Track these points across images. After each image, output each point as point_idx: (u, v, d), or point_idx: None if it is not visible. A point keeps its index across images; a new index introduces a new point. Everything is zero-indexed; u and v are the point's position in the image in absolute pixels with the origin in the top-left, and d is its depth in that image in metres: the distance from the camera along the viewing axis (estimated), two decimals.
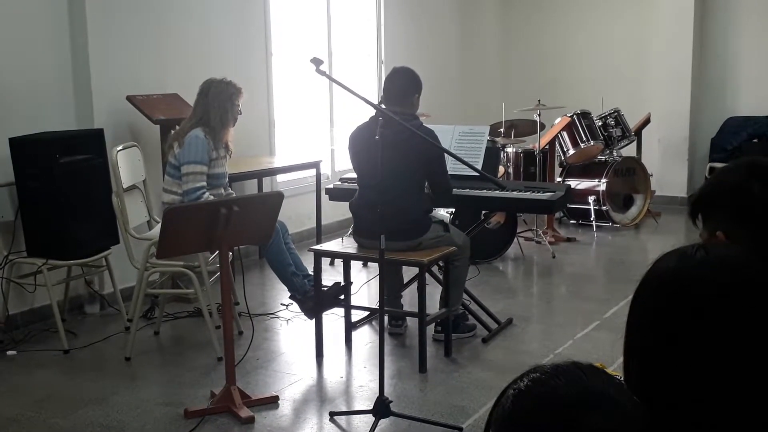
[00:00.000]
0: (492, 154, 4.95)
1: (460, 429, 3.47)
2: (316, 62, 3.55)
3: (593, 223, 7.29)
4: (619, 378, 1.09)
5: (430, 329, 4.45)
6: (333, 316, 4.79)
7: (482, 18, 9.29)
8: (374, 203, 3.61)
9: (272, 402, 3.76)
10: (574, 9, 9.04)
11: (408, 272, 4.80)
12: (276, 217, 3.94)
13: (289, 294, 4.69)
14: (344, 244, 4.50)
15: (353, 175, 4.60)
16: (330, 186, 5.28)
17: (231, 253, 4.37)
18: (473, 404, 3.72)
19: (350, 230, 4.80)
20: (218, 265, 3.85)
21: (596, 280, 6.06)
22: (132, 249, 4.49)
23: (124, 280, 5.00)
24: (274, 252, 4.58)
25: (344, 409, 3.74)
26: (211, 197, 4.38)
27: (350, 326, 4.63)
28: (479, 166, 4.50)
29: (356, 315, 4.78)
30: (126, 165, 4.54)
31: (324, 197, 5.62)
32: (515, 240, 6.44)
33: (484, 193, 4.60)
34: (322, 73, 3.59)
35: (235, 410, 3.58)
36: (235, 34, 6.21)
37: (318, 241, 6.09)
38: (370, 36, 7.95)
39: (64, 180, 4.45)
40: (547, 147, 7.07)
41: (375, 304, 4.57)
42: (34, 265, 4.46)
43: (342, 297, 4.52)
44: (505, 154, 6.84)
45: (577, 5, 9.03)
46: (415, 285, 4.40)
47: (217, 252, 3.78)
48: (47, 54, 4.95)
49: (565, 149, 7.33)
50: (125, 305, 4.82)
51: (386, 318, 4.49)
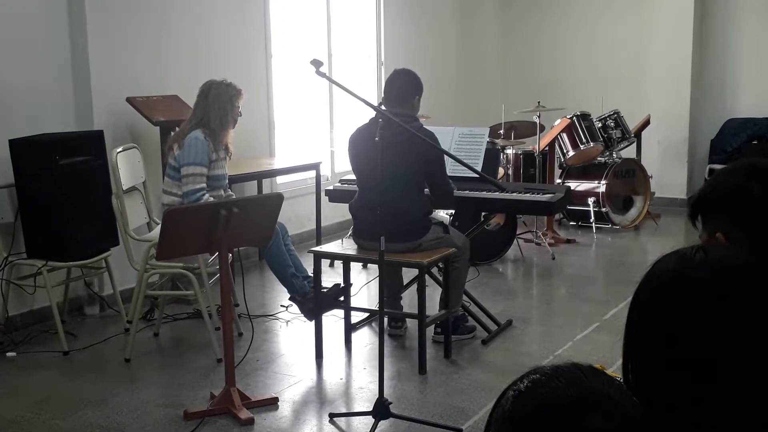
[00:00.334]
0: (492, 156, 4.95)
1: (460, 430, 3.47)
2: (316, 64, 3.55)
3: (593, 225, 7.30)
4: (619, 379, 1.09)
5: (430, 331, 4.45)
6: (333, 318, 4.79)
7: (482, 19, 9.30)
8: (374, 205, 3.61)
9: (272, 403, 3.76)
10: (574, 10, 9.05)
11: (408, 274, 4.80)
12: (276, 219, 3.94)
13: (289, 295, 4.70)
14: (344, 246, 4.50)
15: (353, 177, 4.60)
16: (330, 187, 5.28)
17: (231, 255, 4.36)
18: (473, 406, 3.72)
19: (350, 232, 4.80)
20: (218, 267, 3.85)
21: (596, 282, 6.06)
22: (132, 250, 4.49)
23: (124, 282, 5.00)
24: (274, 253, 4.58)
25: (344, 411, 3.74)
26: (211, 199, 4.39)
27: (350, 328, 4.62)
28: (479, 168, 4.50)
29: (356, 316, 4.78)
30: (126, 166, 4.54)
31: (324, 199, 5.62)
32: (515, 241, 6.44)
33: (484, 195, 4.60)
34: (322, 75, 3.59)
35: (235, 412, 3.57)
36: (235, 36, 6.21)
37: (318, 243, 6.09)
38: (370, 37, 7.95)
39: (64, 181, 4.45)
40: (547, 148, 7.07)
41: (375, 306, 4.58)
42: (34, 267, 4.46)
43: (342, 298, 4.51)
44: (505, 156, 6.84)
45: (577, 6, 9.04)
46: (415, 286, 4.39)
47: (217, 253, 3.78)
48: (47, 55, 4.95)
49: (565, 151, 7.33)
50: (125, 307, 4.82)
51: (386, 319, 4.49)
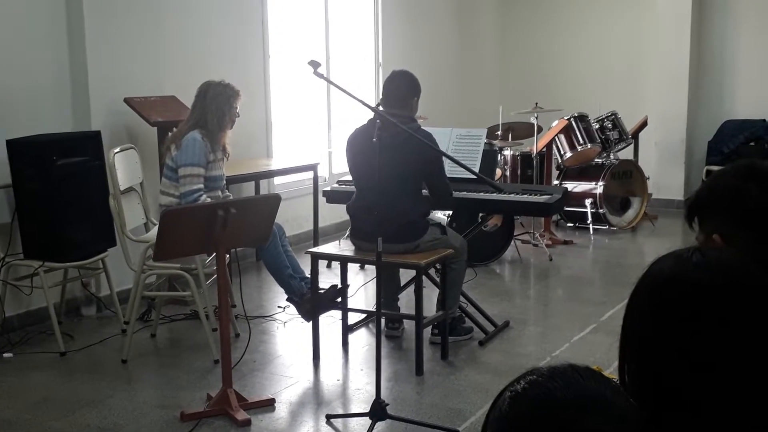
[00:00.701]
0: (489, 157, 4.96)
1: (457, 431, 3.47)
2: (314, 65, 3.55)
3: (590, 226, 7.30)
4: (616, 380, 1.10)
5: (427, 332, 4.45)
6: (330, 319, 4.79)
7: (480, 21, 9.31)
8: (372, 206, 3.61)
9: (269, 405, 3.75)
10: (572, 12, 9.06)
11: (405, 275, 4.80)
12: (273, 220, 3.94)
13: (286, 296, 4.69)
14: (341, 247, 4.50)
15: (350, 178, 4.60)
16: (327, 188, 5.28)
17: (228, 256, 4.36)
18: (470, 407, 3.72)
19: (347, 233, 4.80)
20: (215, 268, 3.85)
21: (593, 283, 6.06)
22: (129, 251, 4.48)
23: (121, 283, 4.99)
24: (271, 254, 4.58)
25: (341, 412, 3.74)
26: (209, 199, 4.38)
27: (347, 329, 4.62)
28: (477, 169, 4.50)
29: (353, 317, 4.77)
30: (123, 167, 4.54)
31: (321, 200, 5.62)
32: (512, 243, 6.44)
33: (482, 196, 4.60)
34: (320, 76, 3.60)
35: (232, 413, 3.57)
36: (233, 37, 6.21)
37: (315, 244, 6.09)
38: (368, 39, 7.95)
39: (62, 182, 4.44)
40: (545, 150, 7.08)
41: (372, 307, 4.58)
42: (31, 267, 4.45)
43: (339, 299, 4.51)
44: (503, 157, 6.84)
45: (574, 8, 9.05)
46: (412, 287, 4.39)
47: (214, 254, 3.78)
48: (45, 56, 4.94)
49: (562, 152, 7.34)
50: (122, 308, 4.82)
51: (383, 321, 4.49)
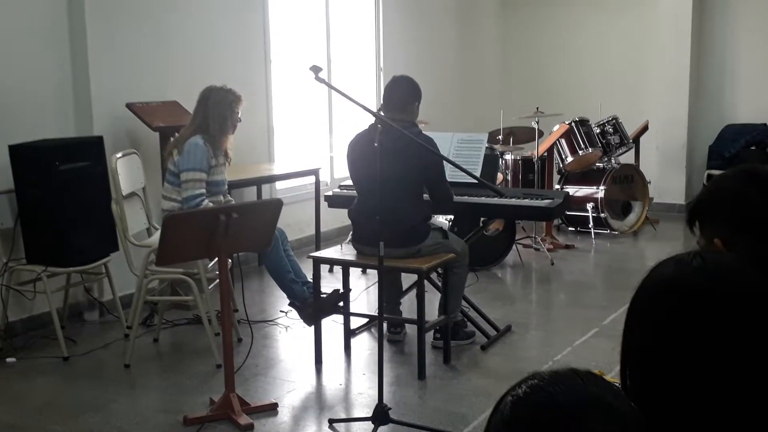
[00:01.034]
0: (490, 162, 4.97)
1: None
2: (315, 70, 3.56)
3: (591, 231, 7.30)
4: (618, 385, 1.10)
5: (429, 336, 4.46)
6: (332, 323, 4.78)
7: (481, 26, 9.32)
8: (373, 210, 3.62)
9: (271, 409, 3.76)
10: (573, 17, 9.07)
11: (407, 279, 4.80)
12: (275, 224, 3.95)
13: (288, 301, 4.70)
14: (343, 251, 4.50)
15: (352, 183, 4.61)
16: (329, 193, 5.29)
17: (230, 260, 4.37)
18: (472, 411, 3.72)
19: (349, 237, 4.81)
20: (217, 272, 3.85)
21: (595, 287, 6.07)
22: (131, 256, 4.49)
23: (124, 288, 5.00)
24: (273, 259, 4.58)
25: (343, 416, 3.74)
26: (211, 204, 4.39)
27: (349, 333, 4.63)
28: (478, 174, 4.51)
29: (355, 322, 4.78)
30: (125, 172, 4.55)
31: (323, 204, 5.62)
32: (514, 247, 6.44)
33: (483, 200, 4.60)
34: (322, 81, 3.61)
35: (234, 417, 3.58)
36: (235, 42, 6.23)
37: (317, 248, 6.09)
38: (369, 44, 7.97)
39: (64, 187, 4.45)
40: (546, 154, 7.08)
41: (374, 311, 4.58)
42: (34, 272, 4.46)
43: (341, 304, 4.52)
44: (504, 162, 6.85)
45: (575, 13, 9.06)
46: (414, 292, 4.40)
47: (217, 259, 3.79)
48: (47, 62, 4.96)
49: (564, 156, 7.34)
50: (124, 312, 4.82)
51: (385, 325, 4.49)
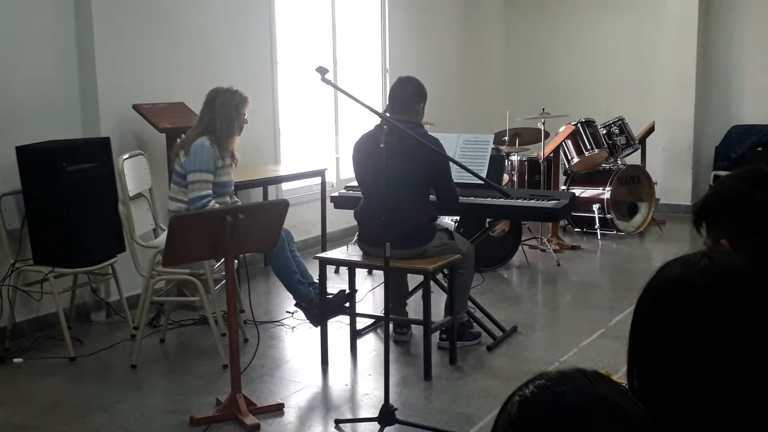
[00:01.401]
0: (496, 163, 4.97)
1: None
2: (322, 71, 3.56)
3: (598, 231, 7.29)
4: (624, 385, 1.10)
5: (435, 337, 4.46)
6: (338, 324, 4.79)
7: (486, 27, 9.32)
8: (379, 211, 3.62)
9: (277, 409, 3.76)
10: (579, 17, 9.06)
11: (413, 280, 4.81)
12: (281, 225, 3.95)
13: (295, 302, 4.71)
14: (349, 252, 4.51)
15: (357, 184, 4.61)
16: (335, 194, 5.29)
17: (236, 261, 4.38)
18: (478, 412, 3.73)
19: (355, 238, 4.81)
20: (224, 273, 3.86)
21: (601, 288, 6.06)
22: (138, 257, 4.51)
23: (130, 288, 5.01)
24: (280, 260, 4.59)
25: (349, 417, 3.74)
26: (217, 205, 4.40)
27: (355, 334, 4.63)
28: (484, 174, 4.51)
29: (361, 323, 4.78)
30: (132, 173, 4.56)
31: (329, 205, 5.63)
32: (520, 248, 6.44)
33: (489, 201, 4.60)
34: (328, 82, 3.61)
35: (241, 418, 3.58)
36: (241, 43, 6.24)
37: (323, 249, 6.10)
38: (375, 45, 7.97)
39: (71, 188, 4.47)
40: (552, 155, 7.08)
41: (380, 312, 4.58)
42: (41, 273, 4.48)
43: (347, 305, 4.52)
44: (510, 163, 6.85)
45: (581, 14, 9.05)
46: (420, 293, 4.40)
47: (223, 260, 3.79)
48: (54, 63, 4.98)
49: (570, 157, 7.34)
50: (131, 313, 4.84)
51: (391, 326, 4.50)
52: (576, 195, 6.66)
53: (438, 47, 8.57)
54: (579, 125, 7.21)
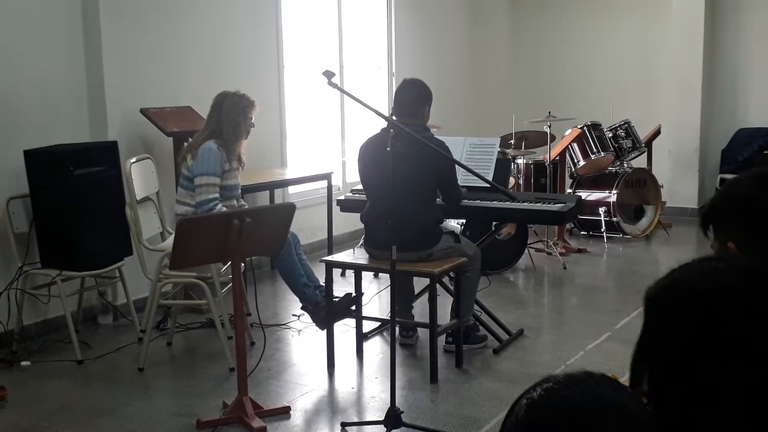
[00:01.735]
0: (503, 166, 4.96)
1: None
2: (328, 75, 3.57)
3: (604, 235, 7.29)
4: None
5: (441, 340, 4.46)
6: (344, 327, 4.80)
7: (492, 30, 9.32)
8: (385, 214, 3.62)
9: (284, 413, 3.77)
10: (584, 21, 9.06)
11: (419, 283, 4.81)
12: (288, 229, 3.96)
13: (301, 305, 4.71)
14: (355, 255, 4.52)
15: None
16: (341, 197, 5.30)
17: (243, 264, 4.39)
18: (485, 415, 3.72)
19: (361, 241, 4.82)
20: (230, 276, 3.87)
21: (607, 292, 6.05)
22: (145, 260, 4.52)
23: (137, 291, 5.02)
24: (286, 263, 4.60)
25: (356, 420, 3.75)
26: (224, 209, 4.41)
27: (361, 337, 4.64)
28: (490, 178, 4.51)
29: (367, 326, 4.79)
30: (139, 177, 4.58)
31: (335, 208, 5.64)
32: (526, 251, 6.44)
33: (495, 205, 4.60)
34: (334, 86, 3.62)
35: (247, 421, 3.59)
36: (248, 47, 6.26)
37: (329, 252, 6.11)
38: (381, 49, 7.99)
39: (78, 192, 4.48)
40: (558, 158, 7.08)
41: (386, 315, 4.58)
42: (48, 276, 4.49)
43: (353, 308, 4.53)
44: (516, 166, 6.85)
45: (587, 17, 9.05)
46: (426, 296, 4.40)
47: (230, 263, 3.80)
48: (62, 67, 5.00)
49: (576, 160, 7.34)
50: (138, 316, 4.85)
51: (397, 329, 4.50)
52: (582, 198, 6.66)
53: (444, 50, 8.58)
54: (585, 128, 7.21)
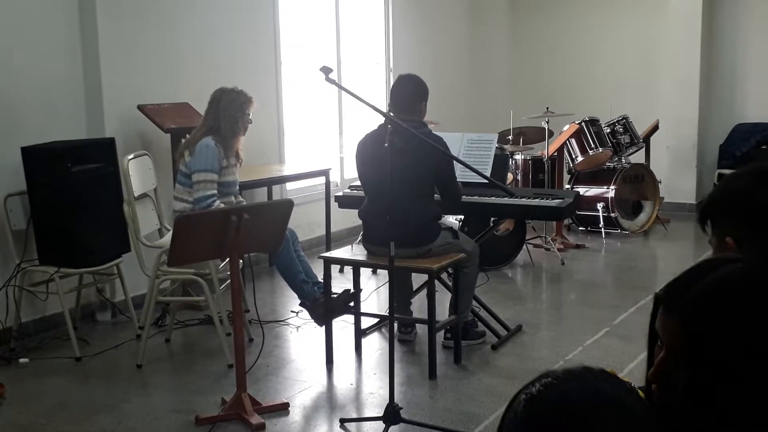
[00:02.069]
0: (501, 162, 4.97)
1: None
2: (326, 71, 3.57)
3: (602, 230, 7.29)
4: (630, 383, 1.10)
5: (440, 336, 4.46)
6: (343, 323, 4.80)
7: (490, 26, 9.31)
8: (383, 211, 3.62)
9: (283, 409, 3.77)
10: (582, 17, 9.06)
11: (417, 279, 4.81)
12: (286, 225, 3.96)
13: (299, 301, 4.71)
14: (354, 252, 4.51)
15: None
16: (339, 193, 5.30)
17: (241, 261, 4.39)
18: (483, 411, 3.73)
19: (359, 237, 4.82)
20: (229, 273, 3.87)
21: (605, 287, 6.05)
22: (143, 257, 4.51)
23: (136, 288, 5.02)
24: (284, 259, 4.59)
25: (354, 416, 3.75)
26: (222, 205, 4.41)
27: (360, 333, 4.64)
28: (488, 173, 4.51)
29: (366, 322, 4.79)
30: (137, 173, 4.57)
31: (333, 205, 5.64)
32: (524, 247, 6.44)
33: (493, 200, 4.60)
34: (332, 82, 3.61)
35: (246, 417, 3.59)
36: (246, 43, 6.25)
37: (327, 249, 6.10)
38: (379, 45, 7.98)
39: (76, 188, 4.47)
40: (556, 154, 7.07)
41: (384, 311, 4.58)
42: (46, 273, 4.49)
43: (352, 304, 4.53)
44: (514, 162, 6.85)
45: (585, 13, 9.04)
46: (425, 292, 4.41)
47: (228, 260, 3.80)
48: (59, 64, 4.99)
49: (574, 156, 7.33)
50: (136, 313, 4.85)
51: (396, 325, 4.50)
52: (580, 194, 6.66)
53: (442, 46, 8.58)
54: (583, 124, 7.21)
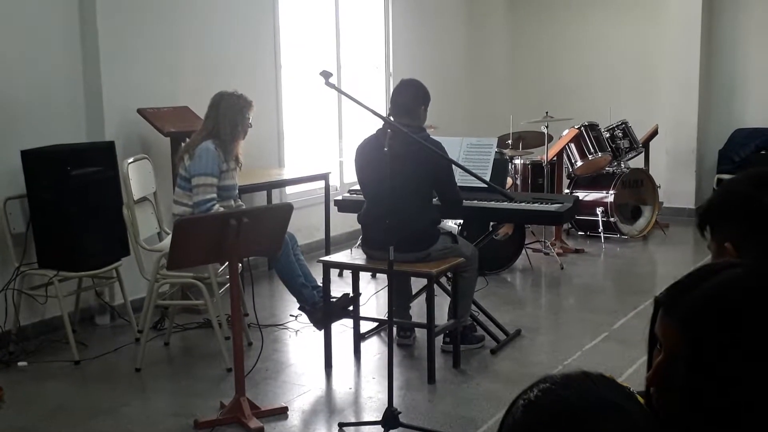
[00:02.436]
0: (500, 166, 4.97)
1: None
2: (325, 75, 3.57)
3: (601, 235, 7.29)
4: (629, 388, 1.10)
5: (439, 340, 4.46)
6: (342, 328, 4.80)
7: (490, 30, 9.32)
8: (383, 215, 3.63)
9: (281, 413, 3.77)
10: (582, 21, 9.06)
11: (416, 283, 4.81)
12: (285, 229, 3.96)
13: (298, 305, 4.71)
14: (353, 256, 4.52)
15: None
16: (338, 197, 5.30)
17: (240, 265, 4.38)
18: (482, 415, 3.73)
19: (359, 242, 4.82)
20: (228, 277, 3.87)
21: (604, 292, 6.05)
22: (142, 260, 4.51)
23: (135, 292, 5.02)
24: (284, 263, 4.60)
25: (353, 420, 3.75)
26: (221, 209, 4.41)
27: (359, 337, 4.63)
28: (487, 178, 4.51)
29: (365, 326, 4.78)
30: (137, 177, 4.57)
31: (333, 209, 5.64)
32: (523, 251, 6.44)
33: (493, 205, 4.61)
34: (331, 86, 3.62)
35: (245, 421, 3.59)
36: (245, 47, 6.25)
37: (327, 253, 6.11)
38: (379, 48, 7.99)
39: (76, 192, 4.47)
40: (555, 159, 7.08)
41: (383, 316, 4.58)
42: (45, 277, 4.49)
43: (351, 308, 4.53)
44: (513, 166, 6.85)
45: (585, 17, 9.05)
46: (424, 296, 4.40)
47: (227, 263, 3.80)
48: (59, 67, 4.99)
49: (573, 161, 7.34)
50: (135, 316, 4.84)
51: (395, 329, 4.50)
52: (579, 198, 6.67)
53: (442, 51, 8.58)
54: (582, 129, 7.22)
